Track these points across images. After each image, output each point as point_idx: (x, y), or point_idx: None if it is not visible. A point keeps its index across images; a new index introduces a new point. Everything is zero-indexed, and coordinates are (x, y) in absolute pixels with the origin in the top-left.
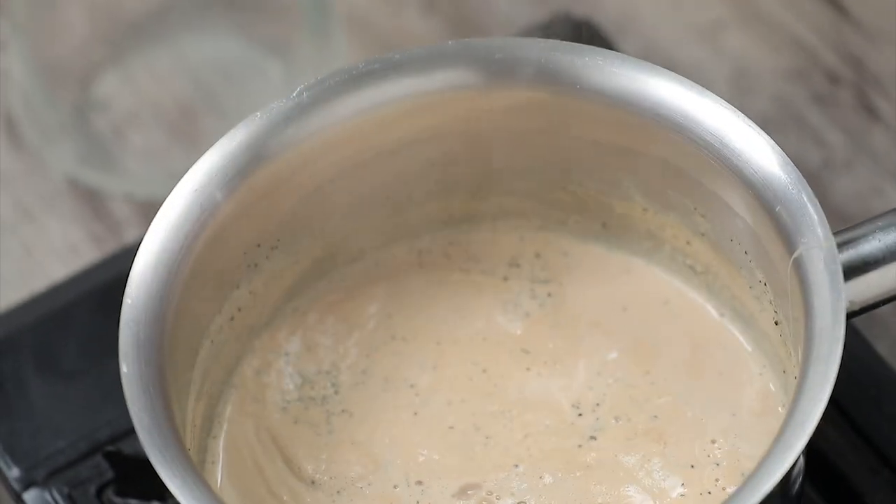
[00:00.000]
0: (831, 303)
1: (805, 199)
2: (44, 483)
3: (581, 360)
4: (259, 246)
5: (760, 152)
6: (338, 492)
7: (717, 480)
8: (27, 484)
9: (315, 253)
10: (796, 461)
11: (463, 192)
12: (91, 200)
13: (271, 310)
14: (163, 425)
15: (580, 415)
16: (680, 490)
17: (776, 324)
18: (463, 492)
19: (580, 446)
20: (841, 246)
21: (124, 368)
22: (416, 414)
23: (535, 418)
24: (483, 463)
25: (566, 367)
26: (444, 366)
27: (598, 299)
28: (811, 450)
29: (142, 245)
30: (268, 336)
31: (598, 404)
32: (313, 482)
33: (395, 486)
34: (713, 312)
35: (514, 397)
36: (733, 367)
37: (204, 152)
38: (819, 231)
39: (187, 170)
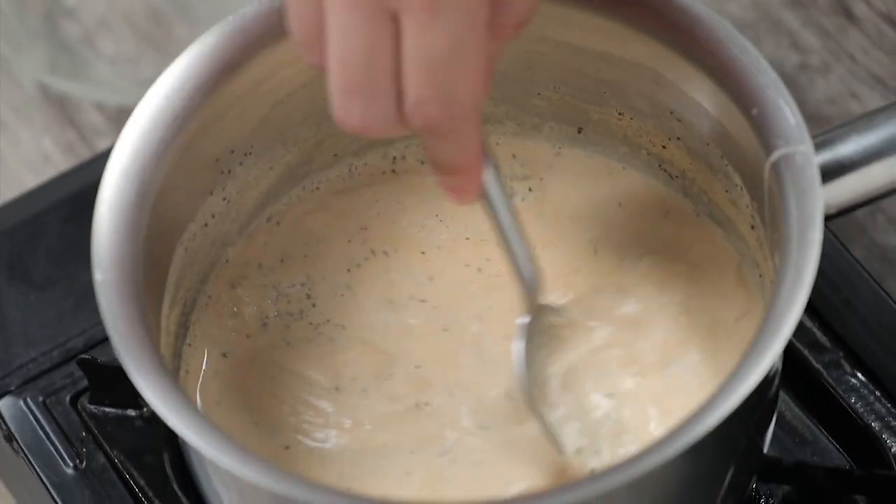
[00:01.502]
0: (808, 206)
1: (782, 101)
2: (18, 391)
3: (567, 247)
4: (232, 152)
5: (737, 55)
6: (363, 389)
7: (694, 380)
8: (1, 392)
9: (289, 159)
10: (773, 364)
11: None
12: (63, 108)
13: (245, 217)
14: (137, 332)
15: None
16: (657, 386)
17: (752, 228)
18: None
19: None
20: (818, 149)
21: (98, 276)
22: (424, 324)
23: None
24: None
25: (555, 253)
26: (438, 274)
27: (580, 196)
28: (787, 352)
29: (113, 152)
30: (242, 245)
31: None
32: (337, 388)
33: (416, 367)
34: (692, 215)
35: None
36: (711, 268)
37: (175, 59)
38: (796, 134)
39: (158, 76)
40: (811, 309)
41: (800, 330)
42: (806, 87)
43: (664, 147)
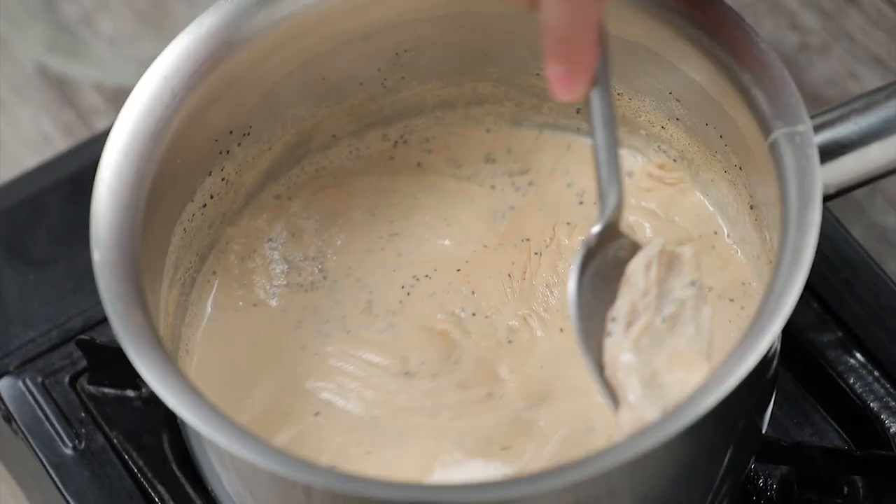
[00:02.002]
0: (807, 186)
1: (781, 82)
2: (17, 372)
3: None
4: (231, 132)
5: (736, 35)
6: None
7: None
8: (0, 373)
9: (287, 139)
10: (771, 345)
11: (436, 79)
12: (61, 89)
13: (244, 197)
14: (136, 313)
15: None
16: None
17: (751, 208)
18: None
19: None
20: (817, 129)
21: (96, 256)
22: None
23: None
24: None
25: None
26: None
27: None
28: (786, 333)
29: (112, 132)
30: (244, 223)
31: None
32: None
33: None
34: (693, 194)
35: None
36: (710, 250)
37: (174, 38)
38: (795, 114)
39: (157, 56)
40: (810, 289)
41: (799, 310)
42: (805, 67)
43: (663, 128)
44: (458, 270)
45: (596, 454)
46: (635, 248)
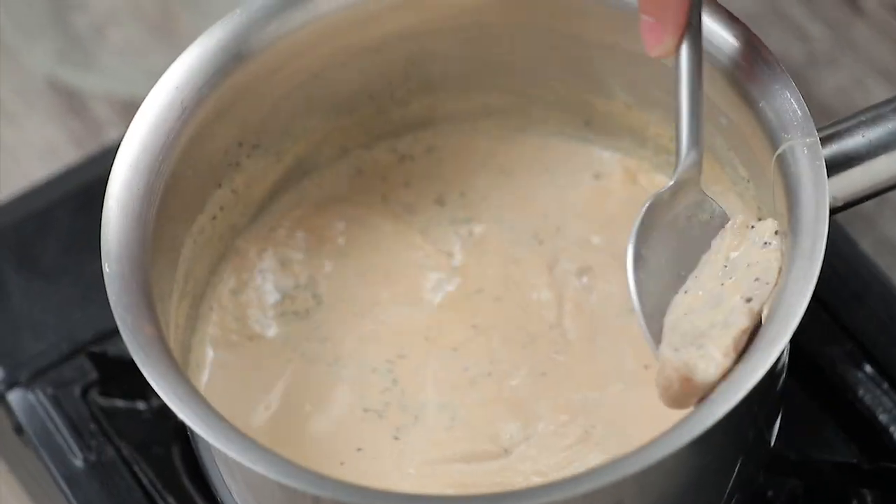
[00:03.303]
0: (815, 198)
1: (789, 94)
2: (28, 384)
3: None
4: (240, 145)
5: (744, 47)
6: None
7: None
8: (10, 384)
9: (297, 152)
10: (780, 357)
11: (445, 91)
12: (71, 100)
13: (254, 209)
14: (146, 325)
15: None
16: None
17: (760, 220)
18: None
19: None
20: (825, 141)
21: (107, 268)
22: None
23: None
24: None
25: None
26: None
27: (604, 199)
28: (795, 345)
29: (122, 144)
30: (251, 236)
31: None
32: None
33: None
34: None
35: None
36: None
37: (184, 50)
38: (803, 126)
39: (167, 68)
40: (820, 302)
41: (808, 323)
42: (813, 79)
43: (671, 140)
44: (426, 338)
45: (606, 464)
46: (716, 213)
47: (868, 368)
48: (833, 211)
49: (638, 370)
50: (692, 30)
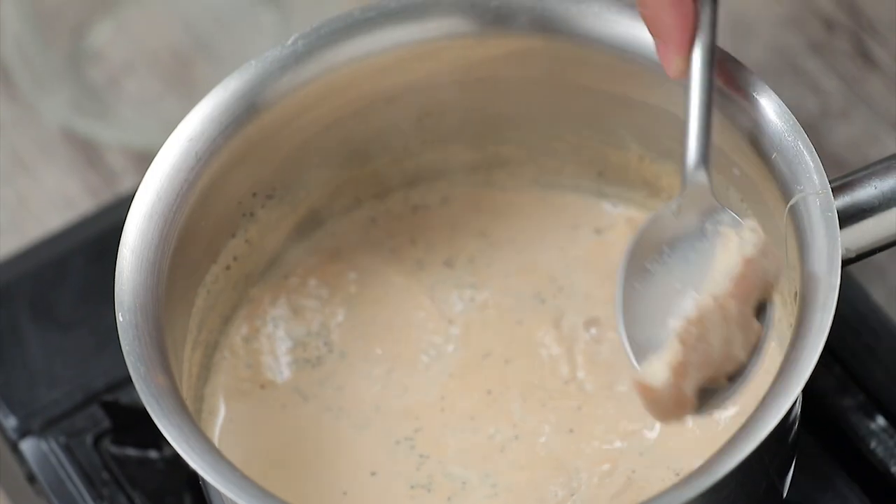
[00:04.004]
0: (827, 250)
1: (801, 146)
2: (40, 432)
3: (575, 301)
4: (254, 195)
5: (757, 100)
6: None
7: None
8: (23, 433)
9: (311, 202)
10: (792, 408)
11: (458, 142)
12: (86, 151)
13: (268, 259)
14: (159, 374)
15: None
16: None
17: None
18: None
19: (567, 383)
20: (837, 193)
21: (120, 318)
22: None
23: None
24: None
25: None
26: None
27: (606, 252)
28: (807, 396)
29: (137, 194)
30: (264, 286)
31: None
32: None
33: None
34: None
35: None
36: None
37: (199, 101)
38: (815, 178)
39: (182, 118)
40: (832, 353)
41: (821, 374)
42: (825, 131)
43: None
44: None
45: None
46: (730, 222)
47: (880, 420)
48: (845, 262)
49: None
50: (704, 48)
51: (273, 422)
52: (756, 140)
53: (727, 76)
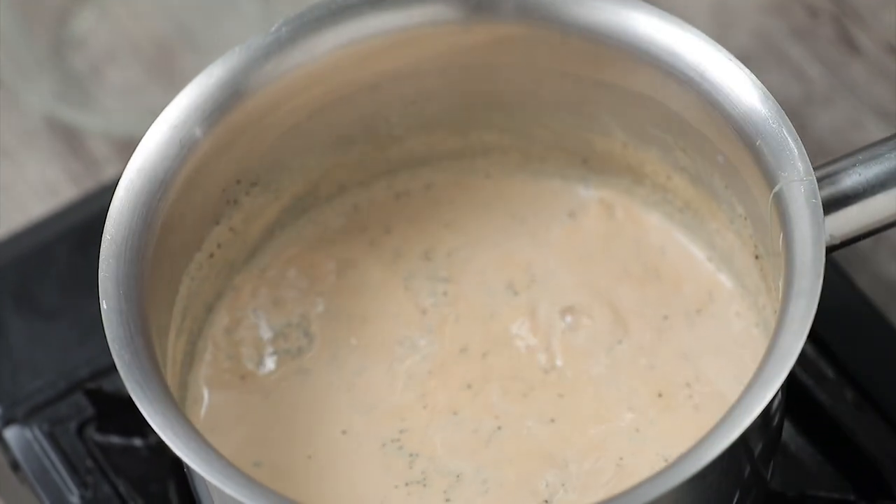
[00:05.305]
0: (812, 237)
1: (785, 132)
2: (24, 420)
3: (548, 290)
4: (239, 182)
5: (741, 86)
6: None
7: (695, 409)
8: (7, 421)
9: (295, 189)
10: (776, 396)
11: (443, 128)
12: (69, 139)
13: (251, 247)
14: (144, 362)
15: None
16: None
17: (756, 258)
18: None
19: (546, 372)
20: (821, 180)
21: (104, 305)
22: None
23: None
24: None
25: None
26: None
27: (580, 236)
28: (791, 384)
29: (120, 182)
30: (248, 275)
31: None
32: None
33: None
34: (693, 249)
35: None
36: (713, 302)
37: (182, 89)
38: (799, 165)
39: (164, 107)
40: (816, 340)
41: (804, 361)
42: (809, 118)
43: (668, 178)
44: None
45: (601, 502)
46: None
47: (864, 406)
48: (829, 249)
49: (649, 396)
50: None
51: (255, 415)
52: (740, 127)
53: (711, 62)
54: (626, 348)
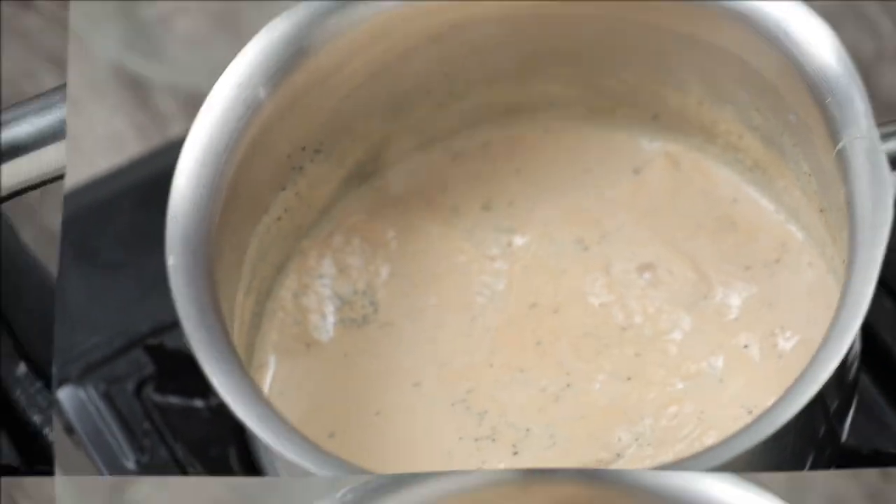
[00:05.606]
0: (873, 191)
1: (855, 90)
2: (78, 380)
3: (621, 246)
4: (303, 149)
5: (821, 44)
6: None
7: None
8: (61, 381)
9: (357, 156)
10: (852, 345)
11: (504, 81)
12: (136, 90)
13: (317, 212)
14: (210, 319)
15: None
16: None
17: (821, 211)
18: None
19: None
20: (886, 137)
21: (171, 260)
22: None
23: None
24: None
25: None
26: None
27: (646, 190)
28: (866, 337)
29: (187, 140)
30: (315, 239)
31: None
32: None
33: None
34: (763, 202)
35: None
36: (787, 252)
37: (247, 43)
38: (862, 121)
39: (230, 60)
40: (889, 291)
41: (879, 313)
42: (880, 74)
43: (740, 137)
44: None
45: (681, 459)
46: None
47: None
48: None
49: (735, 349)
50: None
51: (321, 382)
52: (814, 84)
53: (793, 19)
54: (710, 302)
